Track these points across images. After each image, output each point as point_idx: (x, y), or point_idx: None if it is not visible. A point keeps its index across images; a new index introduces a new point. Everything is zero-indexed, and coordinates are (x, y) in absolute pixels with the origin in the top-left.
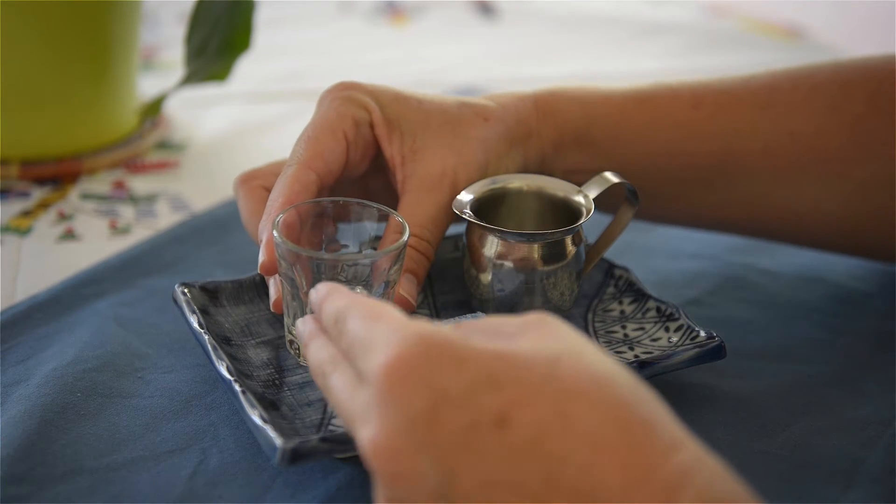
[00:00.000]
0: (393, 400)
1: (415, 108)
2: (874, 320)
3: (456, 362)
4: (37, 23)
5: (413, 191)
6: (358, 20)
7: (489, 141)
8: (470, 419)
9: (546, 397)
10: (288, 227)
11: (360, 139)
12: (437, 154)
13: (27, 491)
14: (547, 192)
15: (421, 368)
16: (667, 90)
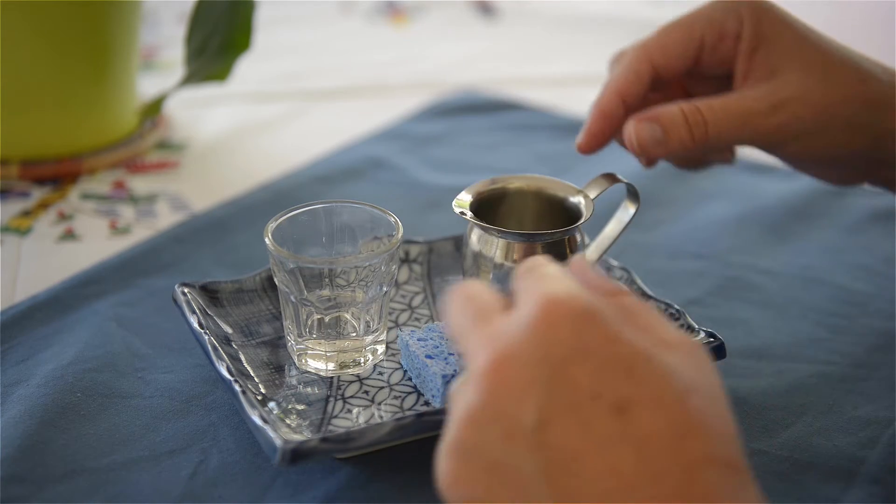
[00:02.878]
0: (539, 329)
1: (794, 35)
2: (874, 320)
3: (609, 339)
4: (37, 23)
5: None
6: (358, 20)
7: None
8: (594, 390)
9: (669, 414)
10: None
11: (720, 49)
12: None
13: (27, 491)
14: (547, 193)
15: (581, 319)
16: None
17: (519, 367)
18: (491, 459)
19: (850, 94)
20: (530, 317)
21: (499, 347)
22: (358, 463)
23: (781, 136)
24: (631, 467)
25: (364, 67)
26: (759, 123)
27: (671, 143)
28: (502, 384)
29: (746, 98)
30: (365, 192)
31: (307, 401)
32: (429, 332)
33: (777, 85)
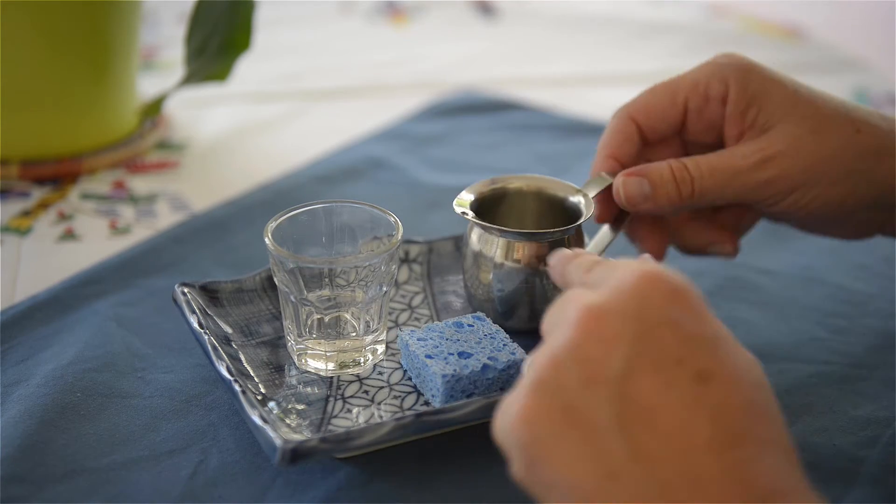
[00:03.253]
0: (635, 290)
1: (784, 91)
2: (874, 320)
3: (698, 317)
4: (37, 23)
5: (729, 152)
6: (358, 20)
7: (845, 153)
8: (679, 356)
9: (744, 392)
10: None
11: (707, 112)
12: (778, 140)
13: (27, 491)
14: (547, 193)
15: (675, 292)
16: None
17: (611, 319)
18: (569, 400)
19: (844, 145)
20: (629, 281)
21: (595, 299)
22: (358, 463)
23: (770, 192)
24: (706, 432)
25: (364, 67)
26: (747, 179)
27: (659, 199)
28: (593, 331)
29: (735, 155)
30: (365, 192)
31: (307, 401)
32: (429, 331)
33: (766, 141)
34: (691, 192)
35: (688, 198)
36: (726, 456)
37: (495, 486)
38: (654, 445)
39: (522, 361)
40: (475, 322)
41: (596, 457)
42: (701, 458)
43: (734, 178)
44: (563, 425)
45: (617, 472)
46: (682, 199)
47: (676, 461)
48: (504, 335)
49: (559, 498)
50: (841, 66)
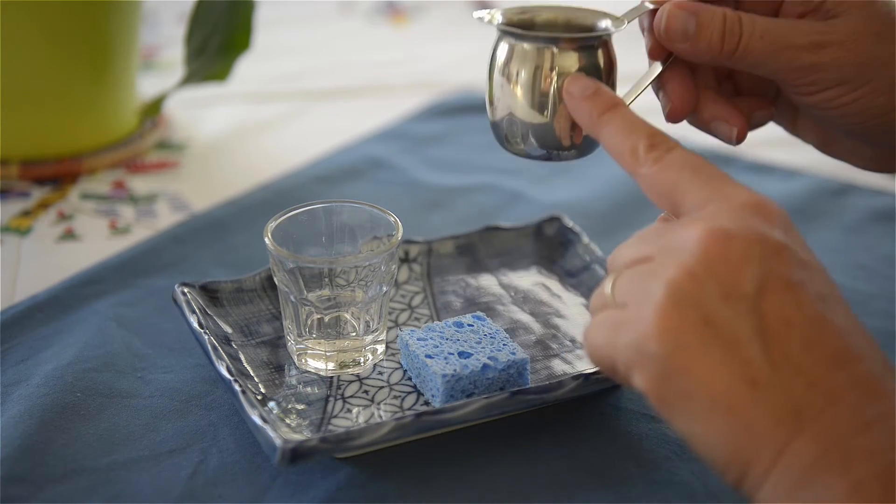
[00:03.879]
0: (754, 216)
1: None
2: (874, 320)
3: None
4: (37, 23)
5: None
6: (358, 20)
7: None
8: (802, 278)
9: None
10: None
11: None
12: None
13: (27, 491)
14: (577, 23)
15: (786, 222)
16: None
17: (737, 241)
18: (709, 312)
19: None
20: (742, 207)
21: (714, 224)
22: (358, 463)
23: (813, 78)
24: (833, 346)
25: (364, 67)
26: (794, 57)
27: (699, 42)
28: (720, 251)
29: (792, 27)
30: (365, 192)
31: (307, 400)
32: (429, 331)
33: (829, 26)
34: (734, 48)
35: (729, 52)
36: (856, 368)
37: (495, 486)
38: (793, 357)
39: (523, 361)
40: (475, 322)
41: (738, 366)
42: (835, 370)
43: (783, 51)
44: (706, 336)
45: (758, 380)
46: (722, 51)
47: (813, 371)
48: (504, 334)
49: (696, 408)
50: None
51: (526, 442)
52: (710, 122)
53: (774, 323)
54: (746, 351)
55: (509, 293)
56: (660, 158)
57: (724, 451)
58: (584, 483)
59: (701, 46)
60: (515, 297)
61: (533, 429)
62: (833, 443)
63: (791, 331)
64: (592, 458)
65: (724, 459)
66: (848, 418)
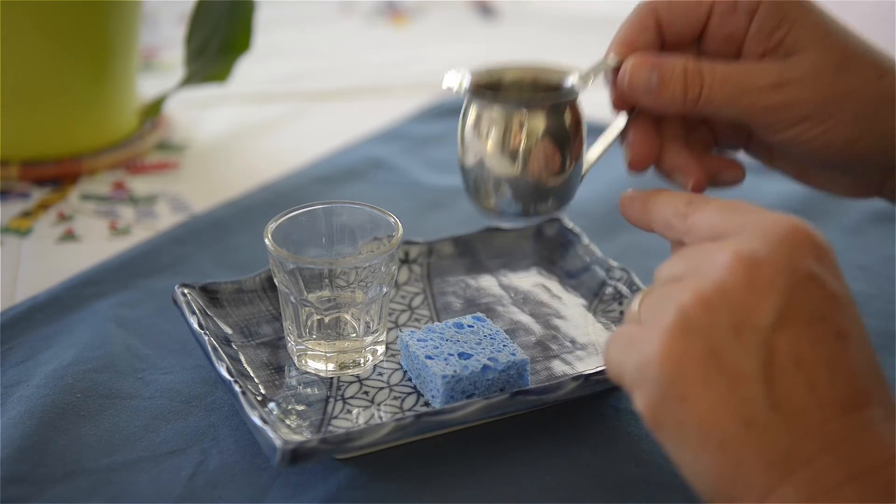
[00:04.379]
0: (786, 243)
1: (816, 18)
2: (874, 320)
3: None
4: (37, 23)
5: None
6: (358, 20)
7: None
8: (825, 312)
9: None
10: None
11: (730, 23)
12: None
13: (27, 491)
14: (543, 81)
15: (820, 248)
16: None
17: (764, 268)
18: (717, 344)
19: (864, 87)
20: (780, 232)
21: (745, 248)
22: (358, 463)
23: (779, 117)
24: (843, 389)
25: (364, 68)
26: (758, 98)
27: (663, 96)
28: (746, 278)
29: (752, 70)
30: (365, 193)
31: (307, 401)
32: (428, 332)
33: (787, 64)
34: (697, 97)
35: (693, 102)
36: (858, 415)
37: (495, 487)
38: (794, 398)
39: (523, 362)
40: (475, 323)
41: (737, 403)
42: (835, 416)
43: (745, 94)
44: (709, 368)
45: (754, 420)
46: (686, 101)
47: (812, 416)
48: (504, 335)
49: (688, 438)
50: None
51: (526, 443)
52: (670, 172)
53: (783, 360)
54: (748, 388)
55: (509, 294)
56: (699, 209)
57: (710, 483)
58: (584, 484)
59: (665, 99)
60: (515, 298)
61: (533, 430)
62: (819, 492)
63: (799, 370)
64: (592, 460)
65: (711, 491)
66: (838, 468)
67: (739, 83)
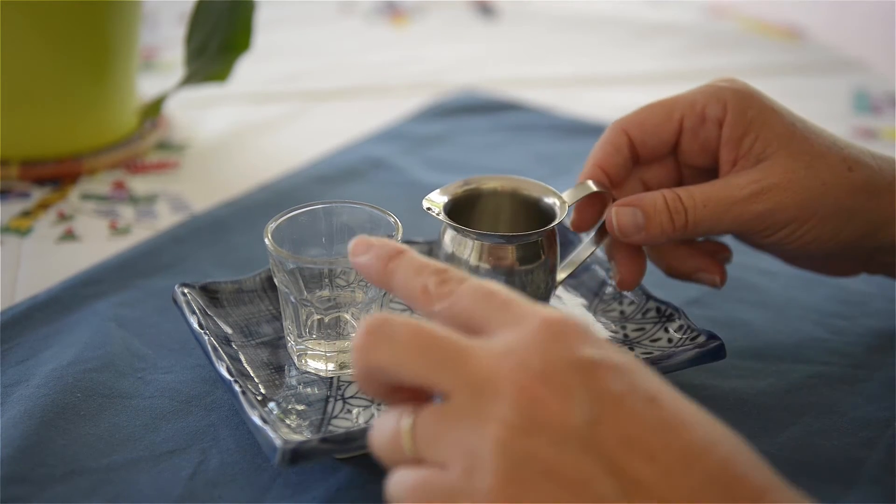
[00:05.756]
0: (557, 341)
1: (781, 122)
2: (874, 320)
3: (613, 346)
4: (37, 23)
5: (723, 182)
6: (358, 20)
7: (838, 189)
8: (628, 385)
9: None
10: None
11: (702, 134)
12: (773, 173)
13: (27, 491)
14: (521, 194)
15: (587, 334)
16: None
17: (552, 378)
18: (546, 465)
19: (837, 182)
20: (538, 333)
21: (524, 362)
22: (358, 463)
23: (764, 224)
24: (681, 441)
25: (364, 67)
26: (741, 211)
27: (652, 230)
28: (539, 396)
29: (729, 185)
30: (365, 193)
31: (307, 401)
32: None
33: (761, 172)
34: (685, 224)
35: (681, 228)
36: (705, 461)
37: None
38: (641, 475)
39: None
40: None
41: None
42: (684, 473)
43: (729, 210)
44: (552, 489)
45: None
46: (675, 229)
47: (664, 483)
48: None
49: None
50: (841, 66)
51: None
52: (693, 274)
53: (614, 447)
54: (597, 488)
55: None
56: (451, 292)
57: None
58: None
59: (654, 232)
60: None
61: None
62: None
63: (632, 448)
64: None
65: None
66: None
67: (721, 200)
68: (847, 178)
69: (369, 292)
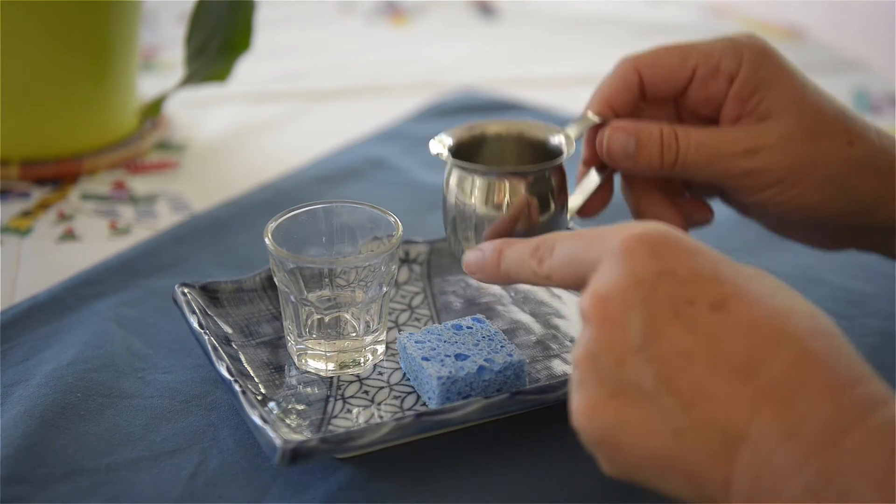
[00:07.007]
0: (623, 262)
1: (792, 83)
2: (874, 320)
3: (688, 251)
4: (37, 23)
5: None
6: (358, 20)
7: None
8: (689, 296)
9: (763, 303)
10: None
11: (711, 86)
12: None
13: (27, 491)
14: (527, 136)
15: (656, 245)
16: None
17: (613, 297)
18: (612, 385)
19: (834, 154)
20: (613, 256)
21: (595, 286)
22: (358, 463)
23: (750, 182)
24: (743, 350)
25: (364, 67)
26: (730, 164)
27: (640, 160)
28: (602, 318)
29: (725, 136)
30: (365, 193)
31: (307, 401)
32: (427, 334)
33: (759, 130)
34: (674, 162)
35: (669, 166)
36: (761, 377)
37: (495, 486)
38: (701, 387)
39: (520, 363)
40: (474, 324)
41: (658, 421)
42: (743, 384)
43: (719, 160)
44: (619, 406)
45: (680, 429)
46: (662, 165)
47: (724, 392)
48: (502, 337)
49: (647, 472)
50: (841, 66)
51: (526, 443)
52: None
53: (673, 361)
54: (659, 403)
55: (509, 293)
56: (545, 258)
57: (686, 495)
58: (584, 484)
59: (642, 163)
60: (516, 298)
61: (533, 429)
62: (762, 461)
63: (691, 361)
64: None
65: (690, 497)
66: (773, 425)
67: (714, 149)
68: (845, 151)
69: (369, 292)
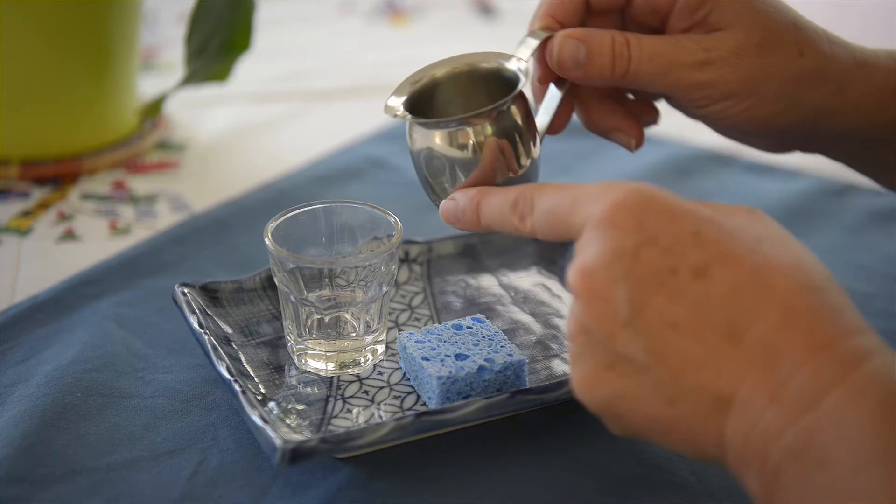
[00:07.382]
0: (605, 233)
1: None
2: (874, 320)
3: (669, 215)
4: (37, 23)
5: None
6: (358, 20)
7: (783, 75)
8: (671, 264)
9: (746, 264)
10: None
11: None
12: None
13: (27, 491)
14: (479, 70)
15: (637, 212)
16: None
17: (597, 272)
18: (605, 358)
19: (785, 66)
20: (595, 227)
21: (578, 264)
22: (358, 463)
23: (702, 94)
24: (727, 317)
25: (364, 67)
26: (682, 76)
27: (591, 69)
28: (589, 293)
29: (679, 47)
30: (365, 193)
31: (307, 401)
32: (427, 334)
33: (713, 41)
34: (625, 71)
35: (620, 76)
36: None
37: (495, 486)
38: (689, 356)
39: (520, 363)
40: (474, 324)
41: (652, 392)
42: (729, 348)
43: (671, 71)
44: (614, 378)
45: (673, 397)
46: (613, 75)
47: (712, 359)
48: (503, 337)
49: (651, 436)
50: None
51: (526, 443)
52: (610, 132)
53: (661, 333)
54: (651, 374)
55: (509, 293)
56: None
57: (690, 454)
58: (584, 484)
59: (593, 72)
60: (516, 298)
61: (533, 429)
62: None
63: (678, 331)
64: (593, 459)
65: (693, 456)
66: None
67: (666, 59)
68: (796, 63)
69: (369, 292)
